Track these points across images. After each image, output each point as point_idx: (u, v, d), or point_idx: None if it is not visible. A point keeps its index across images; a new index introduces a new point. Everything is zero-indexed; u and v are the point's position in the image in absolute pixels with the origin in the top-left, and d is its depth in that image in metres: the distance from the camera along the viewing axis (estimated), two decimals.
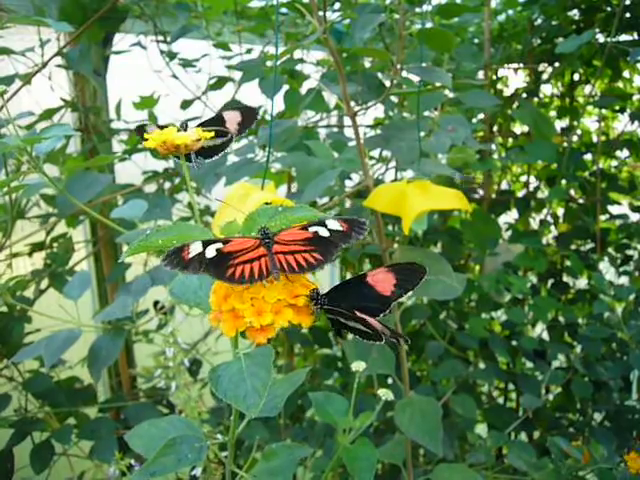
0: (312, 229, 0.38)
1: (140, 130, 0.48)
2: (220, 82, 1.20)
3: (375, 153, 1.33)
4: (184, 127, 0.43)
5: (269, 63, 1.10)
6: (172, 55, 1.16)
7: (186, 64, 1.18)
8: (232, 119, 0.49)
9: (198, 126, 0.47)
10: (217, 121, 0.46)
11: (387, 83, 1.08)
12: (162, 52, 1.16)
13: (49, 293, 1.08)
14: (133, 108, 1.21)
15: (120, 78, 1.19)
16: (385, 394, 0.59)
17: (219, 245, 0.36)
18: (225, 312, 0.35)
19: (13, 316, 0.99)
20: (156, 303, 1.11)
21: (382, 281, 0.40)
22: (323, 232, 0.37)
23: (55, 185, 0.65)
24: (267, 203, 0.44)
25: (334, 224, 0.38)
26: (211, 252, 0.35)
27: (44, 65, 0.95)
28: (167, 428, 0.54)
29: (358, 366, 0.62)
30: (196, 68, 1.21)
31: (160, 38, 1.14)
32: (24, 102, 1.05)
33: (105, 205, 1.05)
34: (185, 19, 1.09)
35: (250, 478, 0.53)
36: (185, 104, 1.21)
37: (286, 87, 1.11)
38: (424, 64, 0.81)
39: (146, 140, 0.41)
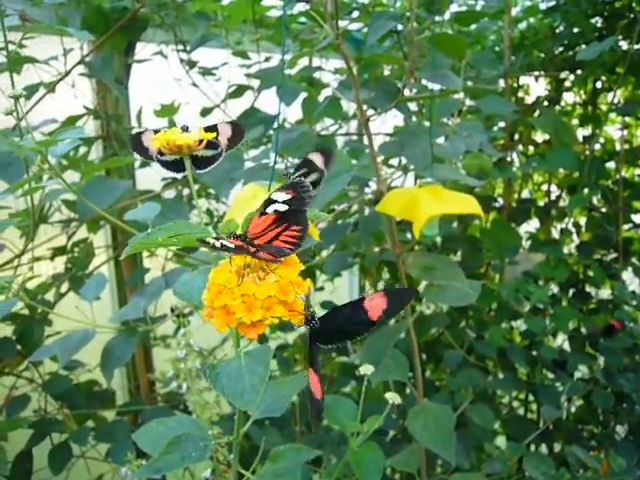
0: (270, 210, 0.39)
1: (136, 137, 0.48)
2: (239, 90, 1.22)
3: (395, 161, 1.33)
4: (185, 130, 0.44)
5: (287, 71, 1.12)
6: (192, 64, 1.18)
7: (206, 72, 1.20)
8: (224, 132, 0.49)
9: None
10: (212, 132, 0.47)
11: (406, 91, 1.08)
12: (182, 61, 1.18)
13: (71, 297, 1.10)
14: (154, 116, 1.23)
15: (142, 86, 1.21)
16: (392, 397, 0.59)
17: None
18: (217, 308, 0.35)
19: (34, 319, 1.00)
20: (174, 309, 1.12)
21: (376, 307, 0.41)
22: (281, 207, 0.39)
23: (72, 189, 0.66)
24: None
25: (281, 196, 0.39)
26: None
27: (67, 73, 0.98)
28: (175, 427, 0.54)
29: (366, 370, 0.62)
30: (216, 76, 1.23)
31: (180, 47, 1.16)
32: (48, 110, 1.07)
33: (125, 210, 1.07)
34: (205, 28, 1.11)
35: (256, 479, 0.54)
36: (205, 112, 1.22)
37: (305, 95, 1.12)
38: (442, 71, 0.82)
39: (139, 149, 0.42)
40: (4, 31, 0.76)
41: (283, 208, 0.39)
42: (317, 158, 0.59)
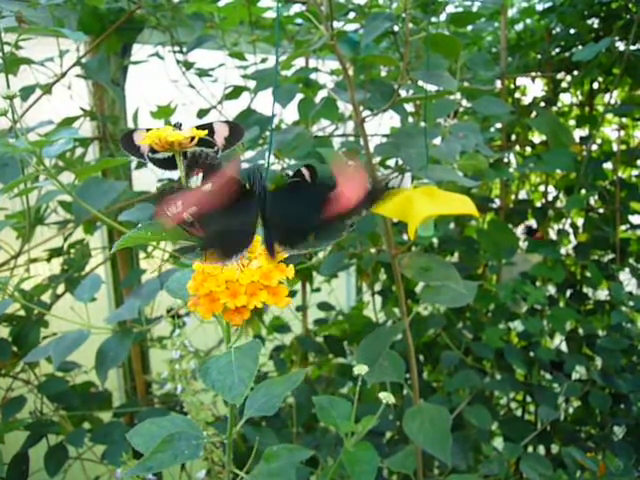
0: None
1: (127, 136, 0.48)
2: (236, 91, 1.22)
3: (392, 162, 1.33)
4: (178, 127, 0.44)
5: (284, 72, 1.12)
6: (188, 65, 1.18)
7: (202, 74, 1.20)
8: (221, 132, 0.49)
9: None
10: (208, 131, 0.46)
11: (402, 93, 1.08)
12: (178, 62, 1.18)
13: (68, 299, 1.10)
14: (150, 117, 1.23)
15: (138, 88, 1.21)
16: (386, 397, 0.59)
17: None
18: (202, 296, 0.36)
19: (30, 320, 1.00)
20: (170, 310, 1.12)
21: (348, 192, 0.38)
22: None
23: (67, 190, 0.66)
24: None
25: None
26: None
27: (63, 75, 0.98)
28: (168, 426, 0.54)
29: (360, 370, 0.62)
30: (212, 78, 1.23)
31: (177, 48, 1.16)
32: (45, 111, 1.07)
33: (121, 212, 1.07)
34: (201, 30, 1.11)
35: (249, 479, 0.53)
36: (201, 113, 1.22)
37: (301, 96, 1.12)
38: (437, 72, 0.82)
39: (130, 148, 0.42)
40: (0, 32, 0.76)
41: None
42: (307, 173, 0.60)
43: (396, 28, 1.08)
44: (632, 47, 1.14)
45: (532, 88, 1.50)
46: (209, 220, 0.35)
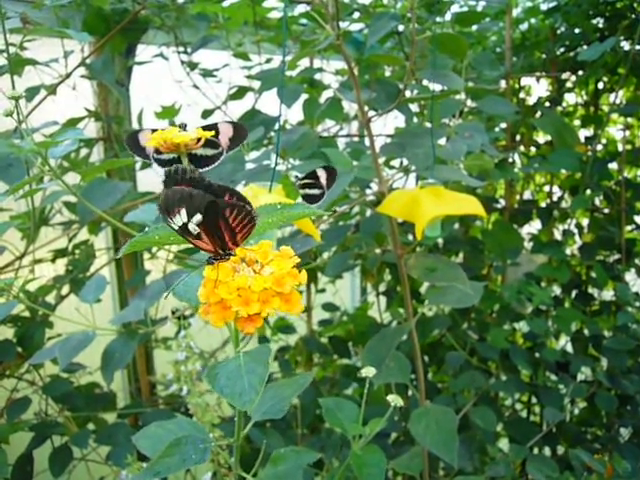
0: (193, 229, 0.37)
1: (132, 136, 0.47)
2: (240, 92, 1.22)
3: (396, 162, 1.33)
4: (183, 128, 0.43)
5: (288, 72, 1.11)
6: (193, 65, 1.18)
7: (206, 74, 1.20)
8: (225, 132, 0.49)
9: None
10: (211, 131, 0.45)
11: (407, 92, 1.08)
12: (183, 62, 1.18)
13: (72, 300, 1.09)
14: (155, 117, 1.23)
15: (143, 88, 1.21)
16: (394, 400, 0.59)
17: None
18: (214, 304, 0.35)
19: (35, 321, 1.00)
20: (175, 311, 1.12)
21: None
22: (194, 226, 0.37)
23: (72, 191, 0.66)
24: None
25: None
26: None
27: (68, 75, 0.98)
28: (174, 430, 0.54)
29: (368, 372, 0.61)
30: (217, 78, 1.23)
31: (181, 49, 1.16)
32: (49, 112, 1.07)
33: (126, 212, 1.07)
34: (205, 30, 1.11)
35: None
36: (205, 114, 1.22)
37: (305, 96, 1.12)
38: (443, 71, 0.81)
39: (136, 149, 0.42)
40: (5, 33, 0.76)
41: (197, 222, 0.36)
42: (323, 175, 0.60)
43: (401, 28, 1.07)
44: (637, 47, 1.14)
45: (537, 88, 1.49)
46: None
